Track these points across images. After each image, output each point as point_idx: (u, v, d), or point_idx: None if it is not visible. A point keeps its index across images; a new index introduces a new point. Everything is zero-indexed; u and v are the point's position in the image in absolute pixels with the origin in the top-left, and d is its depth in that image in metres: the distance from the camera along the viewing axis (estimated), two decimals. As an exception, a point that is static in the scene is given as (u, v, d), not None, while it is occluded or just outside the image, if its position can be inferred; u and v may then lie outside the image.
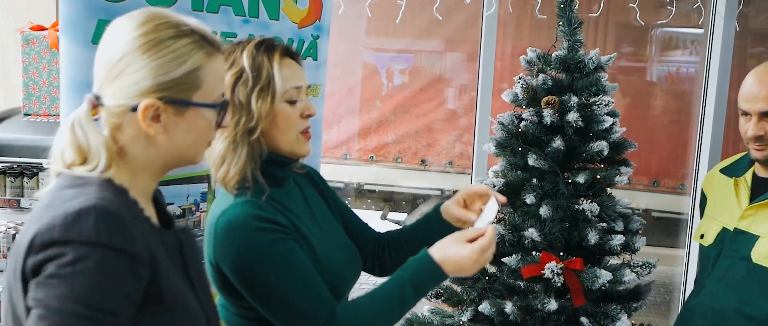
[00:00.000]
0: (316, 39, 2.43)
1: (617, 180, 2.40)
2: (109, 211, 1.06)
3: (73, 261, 1.02)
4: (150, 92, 1.15)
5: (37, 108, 2.77)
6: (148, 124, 1.16)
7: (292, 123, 1.49)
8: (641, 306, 2.46)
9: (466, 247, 1.45)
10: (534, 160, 2.37)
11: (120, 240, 1.06)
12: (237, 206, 1.43)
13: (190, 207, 2.22)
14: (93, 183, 1.12)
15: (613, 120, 2.40)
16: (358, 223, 1.78)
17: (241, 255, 1.41)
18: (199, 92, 1.19)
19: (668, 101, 6.11)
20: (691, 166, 3.85)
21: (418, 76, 6.28)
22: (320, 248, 1.53)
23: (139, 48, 1.15)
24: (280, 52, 1.49)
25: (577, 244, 2.42)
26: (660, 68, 6.48)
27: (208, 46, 1.21)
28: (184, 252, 1.26)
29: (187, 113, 1.19)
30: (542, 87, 2.43)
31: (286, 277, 1.41)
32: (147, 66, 1.15)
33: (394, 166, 6.16)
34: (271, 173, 1.51)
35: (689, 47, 6.54)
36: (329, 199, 1.71)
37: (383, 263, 1.76)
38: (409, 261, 1.48)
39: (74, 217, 1.04)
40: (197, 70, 1.18)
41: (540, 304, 2.31)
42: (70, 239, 1.03)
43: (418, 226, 1.75)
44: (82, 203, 1.05)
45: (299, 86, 1.51)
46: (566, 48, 2.47)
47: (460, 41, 6.16)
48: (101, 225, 1.04)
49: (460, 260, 1.44)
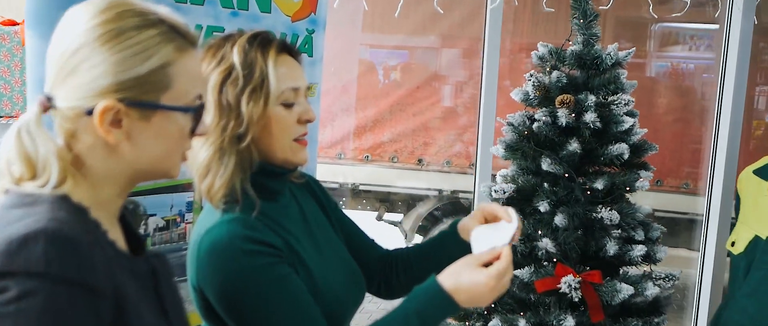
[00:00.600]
0: (311, 33, 2.24)
1: (638, 186, 2.22)
2: (61, 235, 0.88)
3: (17, 297, 0.83)
4: (108, 92, 0.97)
5: (9, 109, 2.57)
6: (107, 130, 0.98)
7: (286, 129, 1.31)
8: (663, 321, 2.28)
9: (480, 273, 1.24)
10: (548, 164, 2.19)
11: (75, 270, 0.87)
12: (223, 225, 1.25)
13: (174, 219, 2.03)
14: (44, 202, 0.94)
15: (633, 121, 2.22)
16: (363, 240, 1.58)
17: (227, 282, 1.22)
18: (168, 93, 1.00)
19: (672, 98, 5.96)
20: (706, 165, 3.67)
21: (415, 73, 6.12)
22: (318, 272, 1.34)
23: (96, 40, 0.97)
24: (276, 48, 1.30)
25: (593, 255, 2.24)
26: (661, 64, 6.32)
27: (179, 38, 1.02)
28: (158, 281, 1.07)
29: (154, 118, 1.00)
30: (556, 85, 2.24)
31: (279, 308, 1.23)
32: (105, 61, 0.96)
33: (390, 166, 5.99)
34: (264, 185, 1.32)
35: (688, 43, 6.39)
36: (330, 213, 1.52)
37: (390, 285, 1.57)
38: (416, 291, 1.28)
39: (19, 244, 0.86)
40: (166, 67, 1.00)
41: (555, 320, 2.13)
42: (14, 270, 0.85)
43: (432, 245, 1.55)
44: (29, 226, 0.87)
45: (297, 87, 1.32)
46: (581, 43, 2.28)
47: (458, 37, 6.00)
48: (52, 252, 0.86)
49: (475, 288, 1.24)
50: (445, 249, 1.50)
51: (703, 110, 5.55)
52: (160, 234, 2.01)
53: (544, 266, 2.24)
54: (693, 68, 6.16)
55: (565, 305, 2.24)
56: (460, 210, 5.78)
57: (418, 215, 5.94)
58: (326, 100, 5.76)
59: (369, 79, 6.11)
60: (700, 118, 5.66)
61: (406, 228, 6.00)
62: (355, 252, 1.52)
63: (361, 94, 6.05)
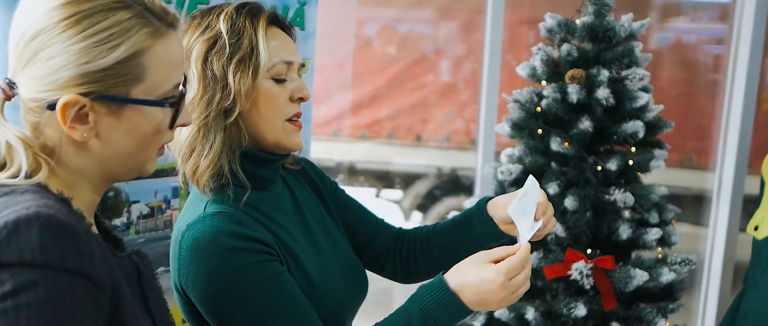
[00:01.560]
0: (303, 5, 2.10)
1: (652, 166, 2.10)
2: (56, 222, 0.77)
3: (12, 291, 0.74)
4: (71, 85, 0.85)
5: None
6: (71, 127, 0.86)
7: (277, 107, 1.18)
8: (678, 307, 2.17)
9: (489, 269, 1.11)
10: (558, 143, 2.06)
11: (75, 259, 0.77)
12: (206, 219, 1.12)
13: (159, 205, 1.91)
14: (25, 191, 0.83)
15: (648, 96, 2.09)
16: (371, 221, 1.45)
17: (212, 282, 1.10)
18: (140, 85, 0.88)
19: (675, 71, 5.84)
20: (715, 140, 3.55)
21: (413, 47, 5.98)
22: (314, 269, 1.21)
23: (57, 24, 0.84)
24: (266, 19, 1.17)
25: (605, 239, 2.13)
26: (664, 36, 6.19)
27: (154, 21, 0.89)
28: (142, 281, 0.96)
29: (124, 112, 0.88)
30: (566, 59, 2.11)
31: (269, 310, 1.11)
32: (66, 50, 0.84)
33: (388, 143, 5.89)
34: (253, 173, 1.20)
35: (691, 14, 6.26)
36: (329, 200, 1.39)
37: (408, 269, 1.43)
38: (420, 289, 1.16)
39: (9, 232, 0.75)
40: (136, 57, 0.87)
41: (565, 308, 2.02)
42: (7, 261, 0.75)
43: (454, 224, 1.40)
44: (18, 212, 0.77)
45: (289, 61, 1.19)
46: (592, 13, 2.14)
47: (456, 10, 5.87)
48: (48, 239, 0.76)
49: (482, 285, 1.10)
50: (469, 228, 1.36)
51: (708, 84, 5.43)
52: (145, 222, 1.88)
53: (552, 251, 2.13)
54: (695, 41, 6.04)
55: (574, 291, 2.13)
56: (460, 188, 5.68)
57: (417, 193, 5.84)
58: (322, 76, 5.63)
59: (365, 55, 5.99)
60: (704, 92, 5.55)
61: (405, 207, 5.90)
62: (363, 236, 1.41)
63: (358, 70, 5.93)
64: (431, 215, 5.69)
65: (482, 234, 1.33)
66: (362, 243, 1.41)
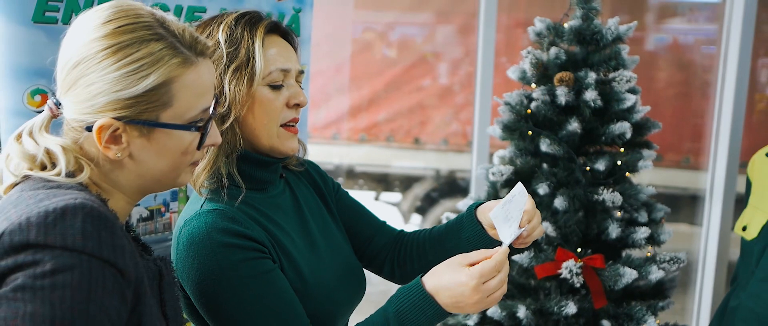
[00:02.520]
0: (297, 12, 2.15)
1: (640, 166, 2.14)
2: (99, 214, 0.85)
3: (52, 271, 0.81)
4: (107, 110, 0.94)
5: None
6: (106, 147, 0.95)
7: (272, 112, 1.23)
8: (668, 304, 2.21)
9: (462, 272, 1.12)
10: (547, 144, 2.10)
11: (111, 250, 0.85)
12: (201, 216, 1.17)
13: (158, 208, 1.95)
14: (70, 187, 0.92)
15: (635, 98, 2.13)
16: (372, 222, 1.49)
17: (203, 276, 1.15)
18: (169, 110, 0.96)
19: (672, 72, 5.87)
20: (707, 141, 3.59)
21: (409, 50, 6.02)
22: (308, 267, 1.26)
23: (96, 54, 0.93)
24: (264, 27, 1.22)
25: (594, 238, 2.17)
26: (660, 37, 6.22)
27: (184, 52, 0.96)
28: (163, 286, 1.04)
29: (154, 135, 0.97)
30: (555, 62, 2.15)
31: (256, 307, 1.15)
32: (103, 78, 0.93)
33: (386, 146, 5.92)
34: (251, 175, 1.25)
35: (687, 15, 6.29)
36: (331, 201, 1.44)
37: (404, 271, 1.47)
38: (399, 291, 1.18)
39: (57, 216, 0.83)
40: (165, 85, 0.95)
41: (556, 307, 2.06)
42: (51, 243, 0.82)
43: (448, 229, 1.44)
44: (67, 201, 0.85)
45: (286, 69, 1.24)
46: (580, 17, 2.19)
47: (453, 13, 5.91)
48: (90, 228, 0.84)
49: (455, 288, 1.12)
50: (460, 232, 1.39)
51: (704, 84, 5.47)
52: (145, 225, 1.93)
53: (543, 250, 2.17)
54: (692, 41, 6.07)
55: (566, 290, 2.17)
56: (457, 191, 5.72)
57: (416, 195, 5.87)
58: (320, 80, 5.67)
59: (363, 58, 6.03)
60: (700, 92, 5.58)
61: (404, 209, 5.94)
62: (362, 238, 1.45)
63: (355, 74, 5.96)
64: (430, 217, 5.73)
65: (472, 239, 1.37)
66: (362, 243, 1.46)
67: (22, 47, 1.65)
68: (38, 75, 1.67)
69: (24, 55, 1.66)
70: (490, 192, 2.34)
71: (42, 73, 1.62)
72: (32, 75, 1.67)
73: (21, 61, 1.65)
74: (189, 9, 1.87)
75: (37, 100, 1.71)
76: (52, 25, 1.67)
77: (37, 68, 1.66)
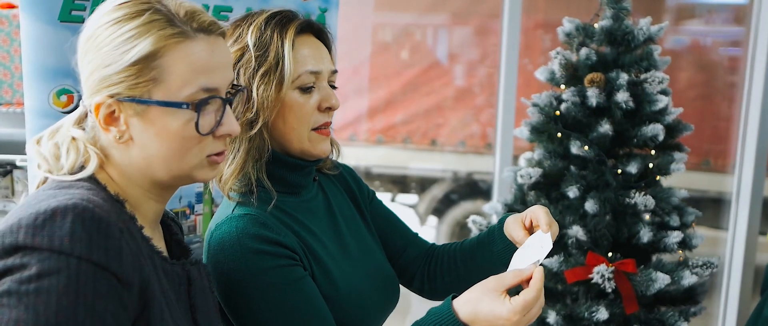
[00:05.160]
0: (324, 12, 2.12)
1: (672, 168, 2.09)
2: (91, 215, 0.81)
3: (37, 275, 0.77)
4: (101, 87, 0.91)
5: (10, 96, 2.47)
6: (104, 127, 0.92)
7: (303, 117, 1.18)
8: (700, 310, 2.16)
9: (502, 304, 1.02)
10: (578, 147, 2.06)
11: (102, 253, 0.80)
12: (233, 220, 1.14)
13: (183, 211, 1.92)
14: (81, 187, 0.88)
15: (667, 99, 2.09)
16: (405, 233, 1.44)
17: (232, 282, 1.12)
18: (161, 87, 0.91)
19: (692, 74, 5.81)
20: (732, 142, 3.51)
21: (427, 52, 5.99)
22: (340, 275, 1.22)
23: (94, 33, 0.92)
24: (296, 28, 1.18)
25: (625, 242, 2.12)
26: (678, 39, 6.16)
27: (177, 25, 0.91)
28: (192, 291, 0.99)
29: (149, 114, 0.92)
30: (585, 62, 2.11)
31: (285, 315, 1.12)
32: (96, 56, 0.91)
33: (403, 147, 5.89)
34: (284, 178, 1.21)
35: (706, 16, 6.22)
36: (365, 208, 1.39)
37: (434, 285, 1.42)
38: (429, 314, 1.09)
39: (46, 218, 0.79)
40: (152, 58, 0.90)
41: (587, 312, 2.01)
42: (37, 245, 0.78)
43: (479, 242, 1.38)
44: (59, 201, 0.81)
45: (317, 71, 1.20)
46: (611, 17, 2.14)
47: (471, 14, 5.88)
48: (79, 230, 0.79)
49: (495, 322, 1.02)
50: (491, 246, 1.34)
51: (725, 86, 5.40)
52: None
53: (572, 254, 2.13)
54: (710, 43, 6.01)
55: (594, 295, 2.13)
56: (477, 193, 5.67)
57: (433, 197, 5.83)
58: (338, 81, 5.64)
59: (380, 60, 6.00)
60: (721, 94, 5.52)
61: (421, 211, 5.90)
62: (394, 249, 1.41)
63: (373, 75, 5.94)
64: (447, 219, 5.69)
65: (503, 253, 1.32)
66: (394, 254, 1.42)
67: (48, 47, 1.62)
68: (64, 75, 1.65)
69: (50, 55, 1.63)
70: (517, 195, 2.30)
71: (68, 73, 1.59)
72: (58, 75, 1.65)
73: (47, 60, 1.63)
74: (215, 8, 1.85)
75: (63, 100, 1.68)
76: (79, 24, 1.64)
77: (63, 68, 1.64)
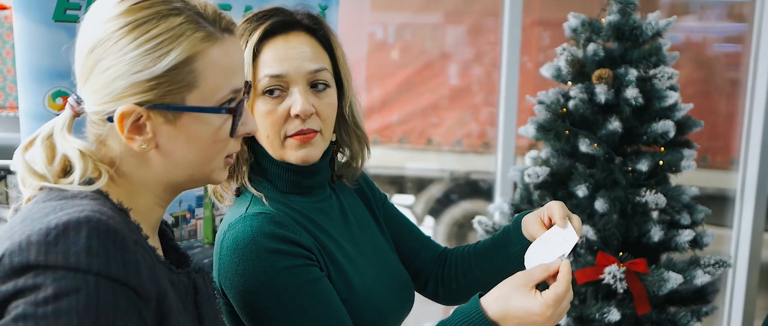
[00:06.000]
0: (324, 10, 2.07)
1: (683, 166, 2.05)
2: (106, 228, 0.75)
3: (54, 295, 0.71)
4: (127, 95, 0.84)
5: (3, 100, 2.41)
6: (129, 137, 0.85)
7: (273, 124, 1.13)
8: (712, 310, 2.13)
9: (534, 299, 0.99)
10: (586, 145, 2.02)
11: (120, 268, 0.75)
12: (247, 219, 1.09)
13: (183, 215, 1.87)
14: (85, 197, 0.82)
15: (677, 95, 2.05)
16: (418, 237, 1.40)
17: (248, 283, 1.07)
18: (196, 92, 0.86)
19: (690, 70, 5.79)
20: (726, 140, 3.49)
21: (422, 51, 5.96)
22: (355, 276, 1.18)
23: (112, 34, 0.84)
24: (261, 31, 1.12)
25: (635, 241, 2.08)
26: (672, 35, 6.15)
27: (207, 26, 0.86)
28: (199, 300, 0.94)
29: (180, 121, 0.86)
30: (593, 58, 2.07)
31: (302, 317, 1.07)
32: (120, 60, 0.83)
33: (399, 147, 5.85)
34: (290, 180, 1.17)
35: (698, 12, 6.21)
36: (377, 210, 1.35)
37: (449, 289, 1.38)
38: (455, 314, 1.05)
39: (59, 233, 0.73)
40: (188, 63, 0.84)
41: (598, 313, 1.97)
42: (52, 263, 0.72)
43: (494, 243, 1.34)
44: (70, 215, 0.75)
45: (277, 74, 1.12)
46: (618, 12, 2.10)
47: (466, 13, 5.85)
48: (96, 244, 0.74)
49: (528, 317, 0.99)
50: (508, 247, 1.30)
51: (723, 82, 5.39)
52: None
53: (581, 254, 2.09)
54: (702, 39, 6.00)
55: (603, 295, 2.09)
56: (477, 192, 5.64)
57: (430, 197, 5.80)
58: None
59: (375, 59, 5.96)
60: (719, 91, 5.50)
61: (418, 211, 5.86)
62: (408, 252, 1.37)
63: (369, 74, 5.90)
64: (445, 219, 5.65)
65: (521, 253, 1.27)
66: (407, 258, 1.38)
67: (43, 47, 1.57)
68: (60, 76, 1.59)
69: (44, 56, 1.58)
70: (523, 194, 2.26)
71: (64, 75, 1.53)
72: (53, 76, 1.60)
73: (41, 62, 1.58)
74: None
75: (58, 102, 1.63)
76: (74, 23, 1.58)
77: (59, 69, 1.58)
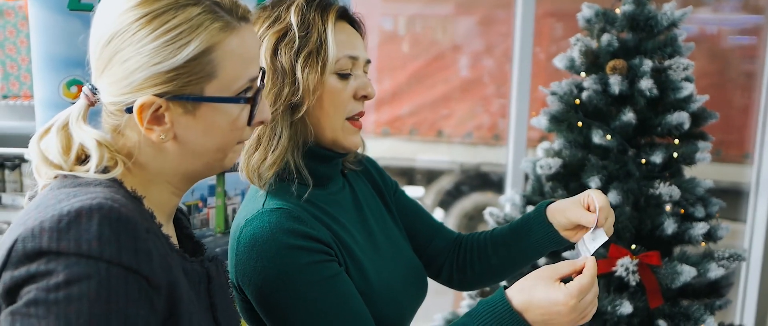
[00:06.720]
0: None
1: (698, 158, 2.04)
2: (118, 215, 0.76)
3: (66, 282, 0.72)
4: (146, 87, 0.84)
5: (17, 89, 2.42)
6: (148, 128, 0.85)
7: (339, 104, 1.15)
8: (726, 303, 2.11)
9: (558, 289, 1.01)
10: (600, 136, 2.00)
11: (132, 255, 0.76)
12: (265, 215, 1.09)
13: (196, 204, 1.88)
14: (99, 184, 0.83)
15: (692, 87, 2.03)
16: (431, 224, 1.41)
17: (267, 280, 1.07)
18: (215, 82, 0.86)
19: (703, 62, 5.75)
20: (746, 133, 3.46)
21: (432, 43, 5.94)
22: (373, 269, 1.17)
23: (130, 26, 0.84)
24: (335, 13, 1.15)
25: (648, 234, 2.07)
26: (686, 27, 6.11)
27: (224, 16, 0.87)
28: (212, 289, 0.95)
29: (199, 111, 0.87)
30: (607, 49, 2.05)
31: (324, 312, 1.07)
32: (139, 51, 0.83)
33: (409, 139, 5.85)
34: (313, 169, 1.17)
35: (712, 4, 6.16)
36: (389, 199, 1.35)
37: (464, 275, 1.38)
38: (480, 306, 1.06)
39: (71, 220, 0.74)
40: (208, 53, 0.85)
41: (610, 306, 1.96)
42: (64, 250, 0.73)
43: (513, 230, 1.34)
44: (83, 202, 0.76)
45: (355, 56, 1.16)
46: (632, 2, 2.08)
47: (476, 4, 5.83)
48: (107, 232, 0.74)
49: (551, 307, 1.01)
50: (529, 234, 1.30)
51: (738, 75, 5.35)
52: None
53: (594, 247, 2.07)
54: (717, 31, 5.96)
55: (615, 288, 2.08)
56: (487, 184, 5.63)
57: (440, 189, 5.79)
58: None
59: (386, 51, 5.95)
60: (733, 83, 5.46)
61: (428, 203, 5.86)
62: (422, 240, 1.37)
63: (380, 66, 5.89)
64: (455, 211, 5.64)
65: (543, 241, 1.28)
66: (421, 246, 1.38)
67: (58, 36, 1.58)
68: (74, 65, 1.60)
69: (59, 45, 1.59)
70: (535, 186, 2.25)
71: (78, 63, 1.54)
72: (68, 65, 1.61)
73: (56, 50, 1.59)
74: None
75: (73, 91, 1.64)
76: (89, 12, 1.58)
77: (74, 58, 1.59)
